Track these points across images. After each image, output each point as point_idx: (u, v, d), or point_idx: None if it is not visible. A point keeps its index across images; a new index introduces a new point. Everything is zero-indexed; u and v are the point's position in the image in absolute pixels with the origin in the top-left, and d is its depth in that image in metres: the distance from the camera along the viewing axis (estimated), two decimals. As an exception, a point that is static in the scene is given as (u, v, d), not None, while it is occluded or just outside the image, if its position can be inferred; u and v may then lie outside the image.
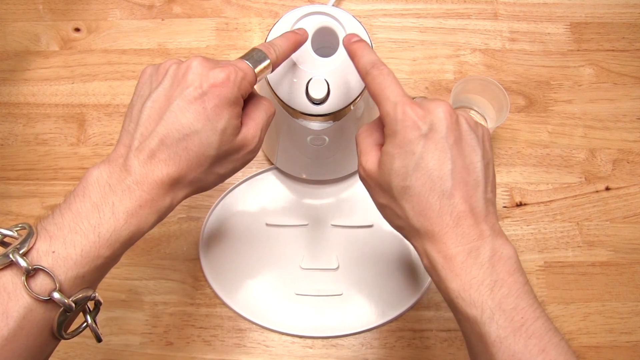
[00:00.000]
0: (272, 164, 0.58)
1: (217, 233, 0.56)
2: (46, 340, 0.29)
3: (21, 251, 0.28)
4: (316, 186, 0.58)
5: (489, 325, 0.29)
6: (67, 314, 0.29)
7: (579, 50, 0.62)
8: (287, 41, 0.39)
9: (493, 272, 0.30)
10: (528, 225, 0.57)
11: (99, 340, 0.32)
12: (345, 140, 0.52)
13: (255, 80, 0.35)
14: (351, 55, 0.38)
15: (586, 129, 0.60)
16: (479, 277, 0.30)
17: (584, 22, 0.63)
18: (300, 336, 0.53)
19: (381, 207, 0.36)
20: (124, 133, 0.34)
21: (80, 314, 0.32)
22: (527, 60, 0.62)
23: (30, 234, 0.29)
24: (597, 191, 0.58)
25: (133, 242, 0.32)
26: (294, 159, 0.56)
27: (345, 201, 0.57)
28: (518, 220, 0.57)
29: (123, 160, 0.32)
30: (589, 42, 0.63)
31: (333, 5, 0.51)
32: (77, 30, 0.64)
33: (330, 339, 0.53)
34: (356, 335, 0.53)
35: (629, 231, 0.56)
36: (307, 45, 0.42)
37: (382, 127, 0.35)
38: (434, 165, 0.32)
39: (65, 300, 0.28)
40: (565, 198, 0.57)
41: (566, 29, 0.63)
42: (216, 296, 0.54)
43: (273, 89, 0.43)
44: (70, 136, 0.60)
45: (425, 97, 0.36)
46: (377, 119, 0.37)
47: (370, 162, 0.35)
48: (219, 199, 0.57)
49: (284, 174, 0.58)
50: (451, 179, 0.32)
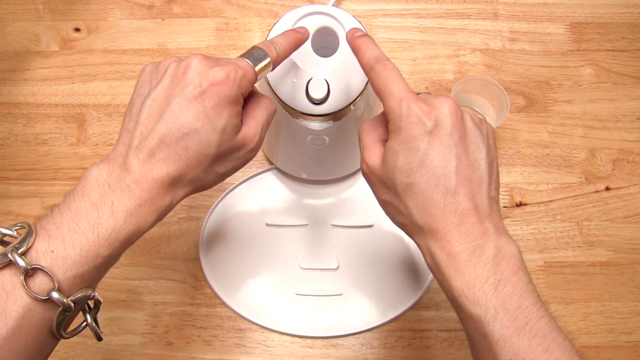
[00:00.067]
0: (272, 164, 0.58)
1: (217, 233, 0.56)
2: (45, 339, 0.29)
3: (20, 250, 0.28)
4: (316, 186, 0.58)
5: (493, 324, 0.29)
6: (66, 313, 0.29)
7: (579, 50, 0.62)
8: (288, 39, 0.38)
9: (497, 271, 0.30)
10: (528, 225, 0.57)
11: (99, 339, 0.32)
12: (346, 140, 0.51)
13: (256, 78, 0.35)
14: (355, 50, 0.37)
15: (586, 129, 0.60)
16: (483, 276, 0.30)
17: (584, 22, 0.63)
18: (300, 336, 0.53)
19: (384, 204, 0.35)
20: (124, 132, 0.33)
21: (80, 313, 0.31)
22: (527, 60, 0.62)
23: (29, 233, 0.29)
24: (597, 191, 0.58)
25: (132, 242, 0.32)
26: (294, 159, 0.56)
27: (345, 201, 0.57)
28: (518, 220, 0.57)
29: (122, 159, 0.32)
30: (589, 42, 0.63)
31: (333, 5, 0.51)
32: (77, 30, 0.64)
33: (330, 339, 0.53)
34: (356, 335, 0.53)
35: (629, 231, 0.56)
36: (307, 45, 0.42)
37: (386, 123, 0.34)
38: (439, 162, 0.31)
39: (64, 300, 0.28)
40: (565, 198, 0.57)
41: (566, 29, 0.63)
42: (216, 296, 0.54)
43: (273, 89, 0.43)
44: (70, 136, 0.60)
45: (429, 93, 0.36)
46: (381, 115, 0.36)
47: (374, 158, 0.35)
48: (219, 199, 0.57)
49: (284, 174, 0.58)
50: (456, 176, 0.31)
